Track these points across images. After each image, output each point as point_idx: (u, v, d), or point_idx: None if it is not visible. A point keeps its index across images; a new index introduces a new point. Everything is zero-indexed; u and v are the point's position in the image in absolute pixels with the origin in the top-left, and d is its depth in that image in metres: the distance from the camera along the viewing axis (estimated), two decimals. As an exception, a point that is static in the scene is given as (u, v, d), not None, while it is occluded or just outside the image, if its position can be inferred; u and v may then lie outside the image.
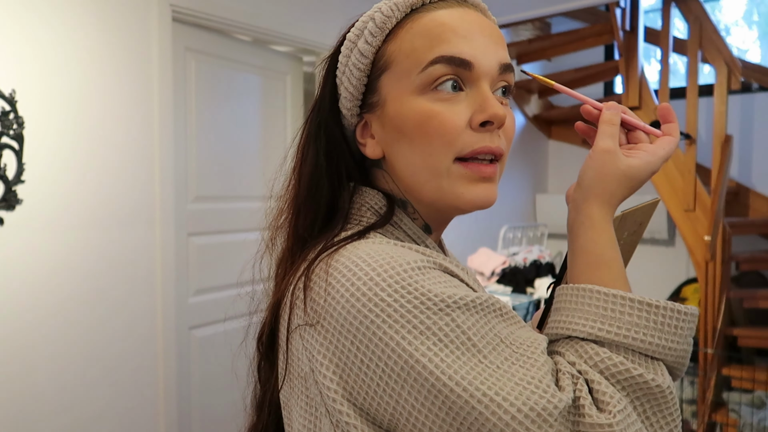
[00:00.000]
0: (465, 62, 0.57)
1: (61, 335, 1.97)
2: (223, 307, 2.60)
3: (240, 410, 0.77)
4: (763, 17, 3.84)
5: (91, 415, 2.06)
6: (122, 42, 2.10)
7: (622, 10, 3.30)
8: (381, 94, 0.61)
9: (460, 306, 0.50)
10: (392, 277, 0.51)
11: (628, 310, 0.52)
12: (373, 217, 0.62)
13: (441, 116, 0.57)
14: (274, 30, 2.57)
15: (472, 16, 0.60)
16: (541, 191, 4.40)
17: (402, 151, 0.60)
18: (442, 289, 0.50)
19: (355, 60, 0.62)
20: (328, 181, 0.63)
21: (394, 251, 0.54)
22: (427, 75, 0.58)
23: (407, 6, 0.60)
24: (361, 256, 0.53)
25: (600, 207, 0.59)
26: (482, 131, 0.58)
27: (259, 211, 0.71)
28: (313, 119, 0.66)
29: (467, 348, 0.48)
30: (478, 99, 0.58)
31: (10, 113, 1.82)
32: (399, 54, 0.60)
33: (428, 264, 0.53)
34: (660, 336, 0.52)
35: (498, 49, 0.60)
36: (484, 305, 0.51)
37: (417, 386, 0.48)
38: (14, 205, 1.85)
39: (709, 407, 2.75)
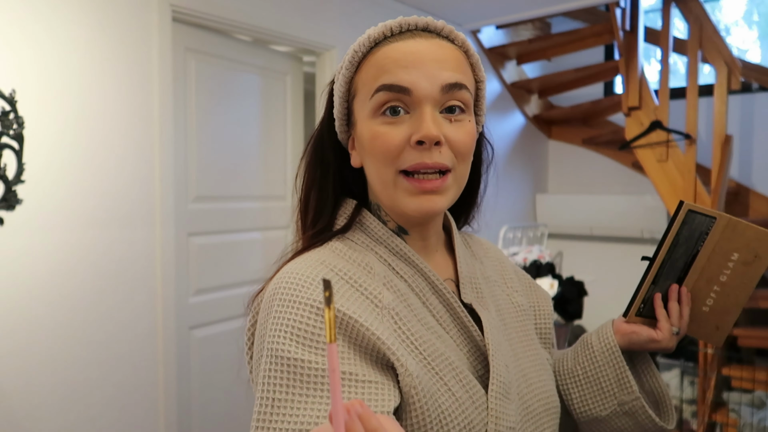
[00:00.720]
0: (403, 89, 0.66)
1: (60, 335, 1.97)
2: (223, 307, 2.60)
3: (240, 410, 0.81)
4: (763, 17, 3.84)
5: (91, 415, 2.06)
6: (122, 42, 2.10)
7: (622, 10, 3.30)
8: (354, 116, 0.72)
9: (278, 357, 0.60)
10: (271, 304, 0.64)
11: None
12: (343, 222, 0.74)
13: (384, 136, 0.67)
14: (274, 30, 2.57)
15: (422, 45, 0.68)
16: (541, 191, 4.40)
17: (367, 164, 0.71)
18: (280, 340, 0.61)
19: (339, 87, 0.73)
20: (318, 189, 0.75)
21: (304, 286, 0.64)
22: (374, 101, 0.68)
23: (371, 41, 0.70)
24: (283, 273, 0.67)
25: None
26: (420, 149, 0.66)
27: (260, 211, 0.81)
28: (316, 136, 0.78)
29: (268, 382, 0.60)
30: (417, 120, 0.66)
31: (10, 113, 1.82)
32: (360, 83, 0.70)
33: (309, 308, 0.62)
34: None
35: (443, 73, 0.67)
36: (293, 364, 0.60)
37: (254, 372, 0.68)
38: (14, 205, 1.85)
39: (709, 407, 2.75)
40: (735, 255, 0.81)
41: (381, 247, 0.72)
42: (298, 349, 0.60)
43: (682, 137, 3.14)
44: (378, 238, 0.73)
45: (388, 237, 0.72)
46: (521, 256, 3.22)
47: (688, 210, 0.77)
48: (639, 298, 0.83)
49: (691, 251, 0.81)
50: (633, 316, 0.85)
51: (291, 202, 0.79)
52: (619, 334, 0.85)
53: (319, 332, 0.61)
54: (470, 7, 3.17)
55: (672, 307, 0.84)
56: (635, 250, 3.91)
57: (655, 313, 0.84)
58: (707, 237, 0.80)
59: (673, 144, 3.16)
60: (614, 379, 0.83)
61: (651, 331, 0.84)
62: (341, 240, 0.73)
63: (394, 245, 0.72)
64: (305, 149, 0.78)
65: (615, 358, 0.83)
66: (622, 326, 0.86)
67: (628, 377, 0.82)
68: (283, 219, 2.85)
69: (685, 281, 0.84)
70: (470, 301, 0.74)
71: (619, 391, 0.82)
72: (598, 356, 0.84)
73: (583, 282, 3.22)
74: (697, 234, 0.80)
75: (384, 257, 0.71)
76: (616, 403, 0.83)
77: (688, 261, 0.82)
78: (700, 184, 3.05)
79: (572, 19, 4.15)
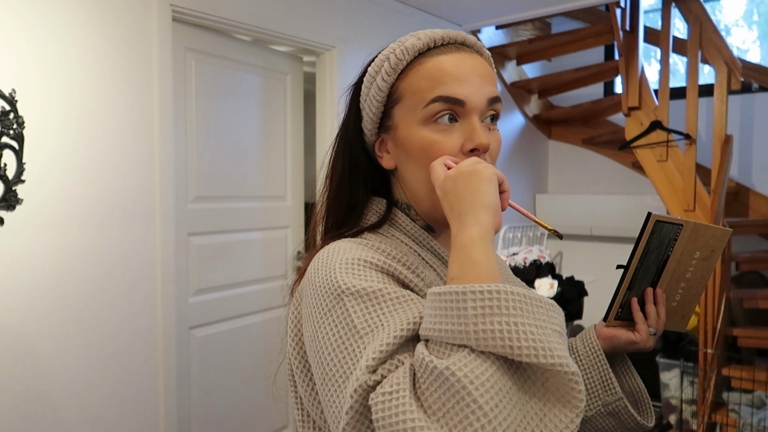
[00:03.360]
0: (458, 101, 0.70)
1: (60, 335, 1.97)
2: (223, 307, 2.60)
3: (240, 410, 0.81)
4: (763, 17, 3.84)
5: (91, 415, 2.06)
6: (122, 42, 2.10)
7: (622, 10, 3.30)
8: (394, 120, 0.75)
9: (353, 293, 0.62)
10: (327, 266, 0.67)
11: (430, 303, 0.58)
12: (375, 219, 0.78)
13: (439, 144, 0.71)
14: (274, 30, 2.57)
15: (467, 60, 0.73)
16: (541, 191, 4.40)
17: (409, 168, 0.75)
18: (351, 281, 0.63)
19: (375, 93, 0.76)
20: (349, 188, 0.79)
21: (350, 248, 0.69)
22: (428, 110, 0.71)
23: (416, 51, 0.73)
24: (328, 250, 0.70)
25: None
26: (471, 155, 0.70)
27: (260, 211, 0.82)
28: (341, 137, 0.81)
29: (344, 326, 0.61)
30: (468, 129, 0.71)
31: (10, 113, 1.82)
32: (407, 91, 0.73)
33: (361, 262, 0.66)
34: (446, 321, 0.55)
35: (487, 86, 0.72)
36: (372, 295, 0.62)
37: (314, 352, 0.64)
38: (14, 205, 1.85)
39: (709, 407, 2.75)
40: (697, 253, 0.89)
41: (411, 241, 0.76)
42: (363, 283, 0.63)
43: (682, 137, 3.14)
44: (409, 233, 0.77)
45: (419, 232, 0.77)
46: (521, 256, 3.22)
47: (656, 221, 0.84)
48: (617, 303, 0.90)
49: (662, 256, 0.88)
50: (612, 321, 0.91)
51: (291, 202, 0.82)
52: (600, 338, 0.91)
53: (378, 277, 0.65)
54: (470, 7, 3.17)
55: (649, 309, 0.91)
56: (635, 250, 3.91)
57: (632, 316, 0.91)
58: (676, 242, 0.87)
59: (673, 144, 3.16)
60: (599, 381, 0.88)
61: (630, 333, 0.90)
62: (374, 233, 0.77)
63: (423, 240, 0.77)
64: (331, 148, 0.82)
65: (599, 361, 0.88)
66: (603, 330, 0.91)
67: (611, 379, 0.87)
68: (283, 219, 2.85)
69: (659, 283, 0.91)
70: None
71: (603, 393, 0.87)
72: (584, 360, 0.89)
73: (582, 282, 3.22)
74: (666, 241, 0.87)
75: (414, 249, 0.76)
76: (600, 404, 0.88)
77: (659, 265, 0.89)
78: (700, 184, 3.05)
79: (572, 19, 4.15)
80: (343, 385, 0.58)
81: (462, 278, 0.58)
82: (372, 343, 0.58)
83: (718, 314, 2.79)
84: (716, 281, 2.82)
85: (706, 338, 2.82)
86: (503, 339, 0.52)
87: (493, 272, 0.58)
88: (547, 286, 3.00)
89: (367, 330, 0.60)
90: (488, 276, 0.58)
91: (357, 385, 0.55)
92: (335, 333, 0.61)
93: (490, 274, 0.58)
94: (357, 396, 0.55)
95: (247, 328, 2.70)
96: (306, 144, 3.02)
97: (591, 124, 4.14)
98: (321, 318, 0.63)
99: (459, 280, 0.58)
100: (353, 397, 0.55)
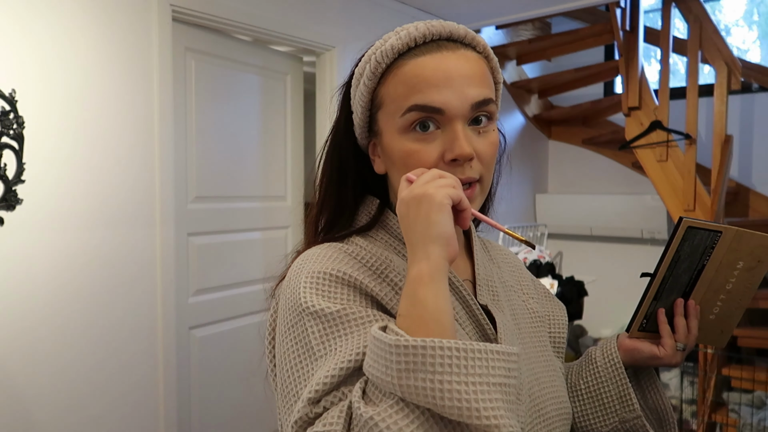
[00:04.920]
0: (436, 109, 0.66)
1: (60, 335, 1.97)
2: (223, 307, 2.60)
3: (240, 410, 0.82)
4: (763, 17, 3.84)
5: (91, 415, 2.06)
6: (122, 42, 2.10)
7: (622, 10, 3.30)
8: (379, 126, 0.72)
9: (312, 313, 0.62)
10: (297, 277, 0.67)
11: (372, 347, 0.56)
12: (366, 220, 0.76)
13: (418, 154, 0.67)
14: (274, 30, 2.57)
15: (449, 61, 0.67)
16: (541, 191, 4.39)
17: (394, 176, 0.72)
18: (312, 300, 0.63)
19: (359, 97, 0.73)
20: (336, 192, 0.76)
21: (323, 257, 0.68)
22: (405, 120, 0.68)
23: (394, 53, 0.69)
24: (303, 257, 0.70)
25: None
26: (454, 165, 0.67)
27: (260, 211, 0.82)
28: (332, 140, 0.78)
29: (301, 346, 0.62)
30: (450, 137, 0.67)
31: (10, 113, 1.82)
32: (386, 97, 0.70)
33: (330, 276, 0.65)
34: (376, 367, 0.54)
35: (472, 90, 0.67)
36: (330, 317, 0.62)
37: (277, 357, 0.66)
38: (14, 205, 1.85)
39: (709, 407, 2.75)
40: (740, 263, 0.81)
41: (400, 243, 0.74)
42: (324, 303, 0.63)
43: (682, 137, 3.14)
44: (400, 237, 0.74)
45: None
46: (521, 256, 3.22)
47: (687, 227, 0.76)
48: (640, 314, 0.83)
49: (696, 265, 0.81)
50: (636, 332, 0.84)
51: (291, 202, 0.81)
52: (622, 349, 0.84)
53: (342, 294, 0.65)
54: (470, 7, 3.17)
55: (678, 322, 0.83)
56: (635, 250, 3.91)
57: (658, 328, 0.84)
58: (713, 251, 0.79)
59: (673, 144, 3.16)
60: (616, 396, 0.83)
61: (653, 347, 0.84)
62: (363, 236, 0.75)
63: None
64: (322, 151, 0.79)
65: (618, 375, 0.83)
66: (625, 342, 0.85)
67: (630, 395, 0.82)
68: (283, 219, 2.85)
69: (692, 294, 0.84)
70: (485, 302, 0.75)
71: (620, 408, 0.82)
72: (602, 372, 0.84)
73: (582, 282, 3.22)
74: (701, 249, 0.79)
75: (404, 255, 0.72)
76: (617, 420, 0.82)
77: (693, 275, 0.82)
78: (700, 184, 3.05)
79: (572, 19, 4.15)
80: (291, 407, 0.60)
81: (407, 317, 0.57)
82: (319, 371, 0.59)
83: (718, 314, 2.79)
84: (716, 281, 2.81)
85: (706, 338, 2.81)
86: (427, 396, 0.51)
87: (438, 314, 0.56)
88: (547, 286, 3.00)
89: (322, 353, 0.60)
90: (432, 318, 0.55)
91: (297, 417, 0.57)
92: (294, 351, 0.62)
93: (435, 316, 0.56)
94: (297, 427, 0.57)
95: (247, 328, 2.70)
96: (306, 144, 3.02)
97: (591, 124, 4.14)
98: (285, 332, 0.65)
99: (404, 319, 0.57)
100: (293, 428, 0.57)
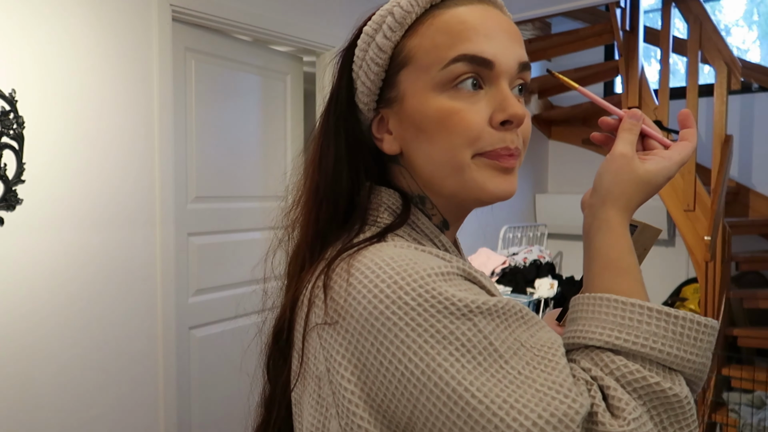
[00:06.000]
0: (486, 61, 0.57)
1: (60, 335, 1.97)
2: (223, 307, 2.60)
3: (240, 410, 0.77)
4: (763, 17, 3.84)
5: (91, 415, 2.06)
6: (122, 42, 2.10)
7: (622, 10, 3.30)
8: (399, 90, 0.61)
9: (483, 311, 0.49)
10: (416, 281, 0.50)
11: (646, 319, 0.52)
12: (390, 217, 0.61)
13: (461, 114, 0.57)
14: (274, 30, 2.57)
15: (492, 14, 0.60)
16: (541, 191, 4.40)
17: (421, 147, 0.60)
18: (464, 295, 0.50)
19: (373, 54, 0.61)
20: (348, 174, 0.63)
21: (417, 256, 0.54)
22: (448, 72, 0.57)
23: (427, 2, 0.60)
24: (384, 258, 0.53)
25: (617, 212, 0.59)
26: (502, 130, 0.58)
27: (260, 211, 0.72)
28: (332, 112, 0.65)
29: (489, 354, 0.48)
30: (498, 97, 0.58)
31: (10, 113, 1.82)
32: (419, 50, 0.59)
33: (451, 270, 0.53)
34: (678, 347, 0.51)
35: (517, 48, 0.59)
36: (504, 309, 0.51)
37: (436, 392, 0.47)
38: (14, 205, 1.85)
39: (709, 407, 2.75)
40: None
41: (429, 243, 0.62)
42: (481, 297, 0.51)
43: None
44: (426, 234, 0.63)
45: (436, 233, 0.63)
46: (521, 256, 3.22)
47: None
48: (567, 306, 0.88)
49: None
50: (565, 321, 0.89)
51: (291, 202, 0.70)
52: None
53: (474, 288, 0.54)
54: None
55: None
56: (635, 250, 3.91)
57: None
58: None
59: (673, 144, 3.16)
60: None
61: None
62: (393, 235, 0.60)
63: (440, 242, 0.63)
64: (319, 128, 0.67)
65: None
66: (555, 329, 0.84)
67: None
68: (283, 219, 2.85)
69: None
70: None
71: None
72: None
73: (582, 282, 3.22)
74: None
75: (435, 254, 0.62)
76: None
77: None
78: (700, 184, 3.04)
79: (572, 19, 4.15)
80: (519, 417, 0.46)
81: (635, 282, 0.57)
82: (551, 362, 0.49)
83: (718, 314, 2.79)
84: (716, 281, 2.82)
85: (706, 338, 2.81)
86: (703, 372, 0.54)
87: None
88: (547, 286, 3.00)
89: (513, 351, 0.49)
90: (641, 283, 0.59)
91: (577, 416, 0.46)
92: (459, 361, 0.48)
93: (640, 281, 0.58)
94: (580, 430, 0.46)
95: (248, 328, 2.70)
96: (306, 144, 3.02)
97: (591, 124, 4.13)
98: (435, 345, 0.48)
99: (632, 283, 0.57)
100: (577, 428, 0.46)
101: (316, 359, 0.55)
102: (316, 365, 0.55)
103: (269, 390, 0.71)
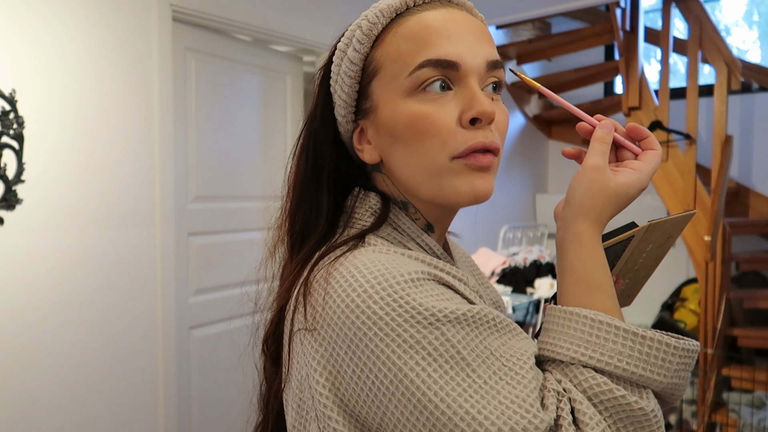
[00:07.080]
0: (451, 63, 0.58)
1: (60, 335, 1.97)
2: (223, 307, 2.60)
3: (240, 410, 0.78)
4: (763, 17, 3.84)
5: (91, 415, 2.06)
6: (122, 42, 2.10)
7: (622, 10, 3.31)
8: (373, 100, 0.62)
9: (451, 320, 0.51)
10: (385, 290, 0.52)
11: (612, 337, 0.53)
12: (372, 218, 0.63)
13: (431, 116, 0.58)
14: (274, 30, 2.57)
15: (457, 16, 0.61)
16: (541, 191, 4.40)
17: (397, 154, 0.61)
18: (433, 303, 0.51)
19: (346, 68, 0.63)
20: (314, 187, 0.65)
21: (392, 261, 0.55)
22: (415, 78, 0.59)
23: (392, 11, 0.61)
24: (357, 266, 0.54)
25: (589, 225, 0.59)
26: (473, 129, 0.59)
27: (259, 211, 0.74)
28: (306, 128, 0.68)
29: (456, 362, 0.49)
30: (466, 96, 0.58)
31: (10, 113, 1.82)
32: (387, 59, 0.61)
33: (423, 276, 0.54)
34: (645, 367, 0.52)
35: (484, 47, 0.60)
36: (475, 318, 0.52)
37: (404, 400, 0.49)
38: (14, 205, 1.85)
39: (709, 407, 2.75)
40: (649, 246, 0.81)
41: (413, 243, 0.64)
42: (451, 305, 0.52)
43: (682, 137, 3.14)
44: (409, 235, 0.64)
45: (418, 233, 0.64)
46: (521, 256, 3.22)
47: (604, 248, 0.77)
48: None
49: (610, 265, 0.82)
50: None
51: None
52: None
53: (447, 294, 0.55)
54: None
55: None
56: (635, 250, 3.91)
57: None
58: (623, 252, 0.80)
59: (673, 144, 3.16)
60: None
61: None
62: (374, 237, 0.62)
63: (424, 243, 0.64)
64: (296, 144, 0.69)
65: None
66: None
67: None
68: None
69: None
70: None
71: None
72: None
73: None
74: (612, 256, 0.79)
75: (422, 260, 0.63)
76: None
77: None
78: (700, 184, 3.05)
79: (572, 19, 4.15)
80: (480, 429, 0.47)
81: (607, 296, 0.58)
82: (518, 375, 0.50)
83: (718, 314, 2.80)
84: (716, 281, 2.82)
85: (706, 338, 2.82)
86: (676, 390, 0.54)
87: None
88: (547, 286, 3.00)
89: (479, 362, 0.50)
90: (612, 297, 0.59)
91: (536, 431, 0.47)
92: (425, 369, 0.49)
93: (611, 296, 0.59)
94: None
95: (248, 329, 2.70)
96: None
97: (591, 124, 4.13)
98: (402, 355, 0.50)
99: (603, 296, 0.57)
100: None
101: (299, 363, 0.57)
102: (298, 369, 0.58)
103: (265, 390, 0.75)
